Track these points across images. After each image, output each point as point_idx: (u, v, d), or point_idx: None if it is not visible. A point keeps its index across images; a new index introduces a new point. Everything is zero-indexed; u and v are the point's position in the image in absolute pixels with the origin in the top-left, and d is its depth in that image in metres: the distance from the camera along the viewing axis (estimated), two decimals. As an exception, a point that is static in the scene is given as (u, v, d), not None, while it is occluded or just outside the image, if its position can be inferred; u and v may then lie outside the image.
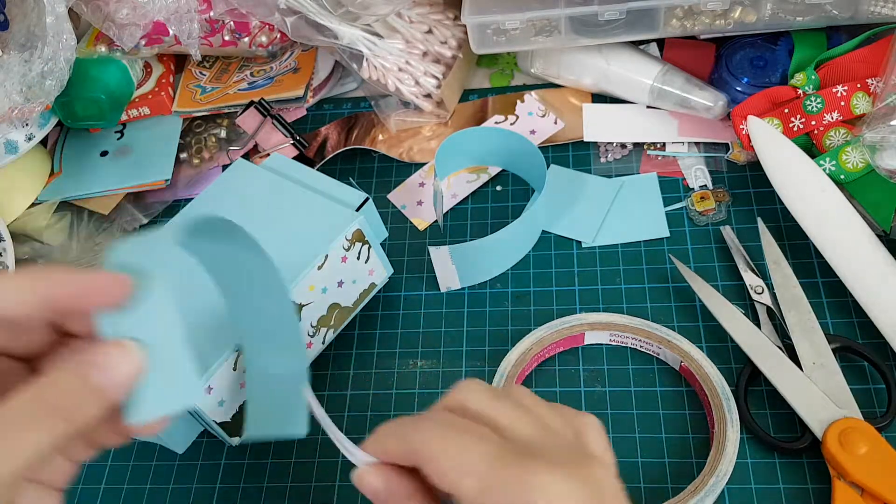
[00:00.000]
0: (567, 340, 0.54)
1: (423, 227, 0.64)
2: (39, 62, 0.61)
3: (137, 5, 0.65)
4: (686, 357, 0.51)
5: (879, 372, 0.49)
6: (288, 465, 0.52)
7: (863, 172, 0.54)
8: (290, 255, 0.51)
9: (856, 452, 0.44)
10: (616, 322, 0.53)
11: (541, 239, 0.61)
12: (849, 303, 0.53)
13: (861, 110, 0.56)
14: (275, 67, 0.74)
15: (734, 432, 0.47)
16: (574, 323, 0.53)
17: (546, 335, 0.53)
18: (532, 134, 0.67)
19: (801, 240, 0.56)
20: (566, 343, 0.54)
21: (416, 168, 0.67)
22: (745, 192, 0.60)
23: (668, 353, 0.52)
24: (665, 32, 0.62)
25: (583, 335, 0.54)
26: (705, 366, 0.50)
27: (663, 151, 0.64)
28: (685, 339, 0.51)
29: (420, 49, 0.68)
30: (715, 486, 0.46)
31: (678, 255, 0.57)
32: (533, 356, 0.52)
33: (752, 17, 0.60)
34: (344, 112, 0.73)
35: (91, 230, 0.68)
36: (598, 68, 0.66)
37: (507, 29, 0.63)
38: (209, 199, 0.55)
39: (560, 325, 0.53)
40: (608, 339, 0.54)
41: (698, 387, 0.50)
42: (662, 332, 0.52)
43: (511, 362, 0.52)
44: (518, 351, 0.53)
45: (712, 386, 0.49)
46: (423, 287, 0.60)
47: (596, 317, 0.54)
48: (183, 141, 0.72)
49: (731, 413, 0.48)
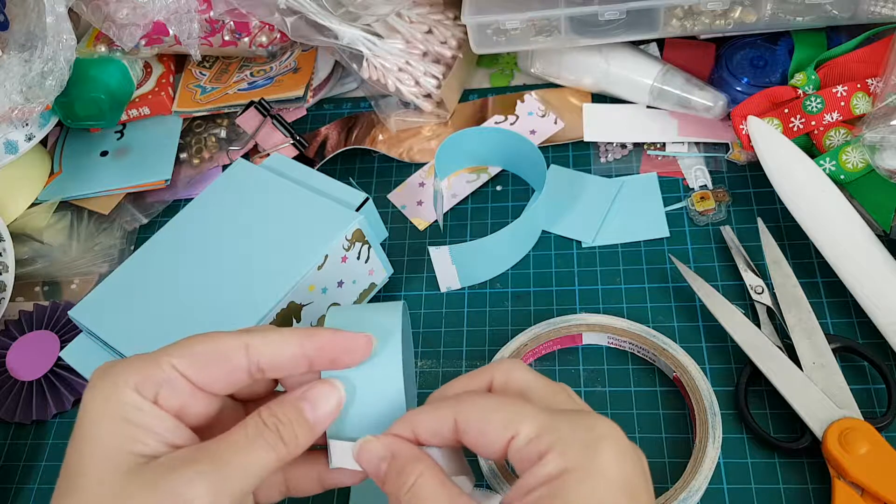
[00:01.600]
0: (565, 339, 0.54)
1: (423, 227, 0.64)
2: (39, 62, 0.61)
3: (137, 5, 0.65)
4: (680, 368, 0.50)
5: (879, 372, 0.49)
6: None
7: (863, 172, 0.54)
8: (291, 254, 0.51)
9: (856, 452, 0.44)
10: (614, 325, 0.53)
11: (541, 239, 0.61)
12: (849, 303, 0.53)
13: (861, 110, 0.56)
14: (275, 67, 0.74)
15: (714, 450, 0.47)
16: (572, 323, 0.53)
17: (543, 332, 0.53)
18: (532, 134, 0.67)
19: (801, 240, 0.56)
20: (564, 342, 0.54)
21: (416, 168, 0.67)
22: (745, 192, 0.60)
23: (663, 363, 0.51)
24: (665, 32, 0.62)
25: (581, 336, 0.54)
26: (697, 380, 0.49)
27: (663, 151, 0.64)
28: (682, 349, 0.51)
29: (420, 49, 0.68)
30: (685, 501, 0.45)
31: (678, 255, 0.57)
32: (528, 352, 0.52)
33: (752, 17, 0.60)
34: (344, 112, 0.73)
35: (91, 230, 0.68)
36: (598, 68, 0.66)
37: (507, 29, 0.63)
38: (209, 199, 0.55)
39: (558, 324, 0.53)
40: (606, 341, 0.54)
41: (688, 399, 0.50)
42: (659, 341, 0.52)
43: (505, 356, 0.52)
44: (513, 346, 0.53)
45: (701, 401, 0.49)
46: (423, 287, 0.60)
47: (594, 318, 0.53)
48: (183, 141, 0.72)
49: (715, 430, 0.47)
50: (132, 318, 0.50)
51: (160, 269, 0.52)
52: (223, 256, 0.52)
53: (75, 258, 0.67)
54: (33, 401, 0.58)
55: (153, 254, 0.53)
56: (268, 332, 0.33)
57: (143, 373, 0.31)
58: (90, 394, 0.31)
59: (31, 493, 0.55)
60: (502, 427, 0.31)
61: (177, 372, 0.31)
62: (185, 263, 0.52)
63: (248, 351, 0.32)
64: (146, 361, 0.31)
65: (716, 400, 0.49)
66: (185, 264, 0.52)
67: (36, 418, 0.57)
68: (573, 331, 0.53)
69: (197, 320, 0.49)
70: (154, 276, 0.52)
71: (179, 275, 0.51)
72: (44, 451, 0.56)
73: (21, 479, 0.55)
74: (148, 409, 0.30)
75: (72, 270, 0.66)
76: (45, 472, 0.55)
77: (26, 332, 0.61)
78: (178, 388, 0.31)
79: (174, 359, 0.31)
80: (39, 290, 0.66)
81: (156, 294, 0.51)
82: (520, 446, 0.31)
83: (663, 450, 0.49)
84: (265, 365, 0.32)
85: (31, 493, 0.55)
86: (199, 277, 0.51)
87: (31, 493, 0.55)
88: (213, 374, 0.32)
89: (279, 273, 0.50)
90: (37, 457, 0.56)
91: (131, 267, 0.53)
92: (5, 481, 0.55)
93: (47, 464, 0.56)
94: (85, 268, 0.66)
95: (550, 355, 0.54)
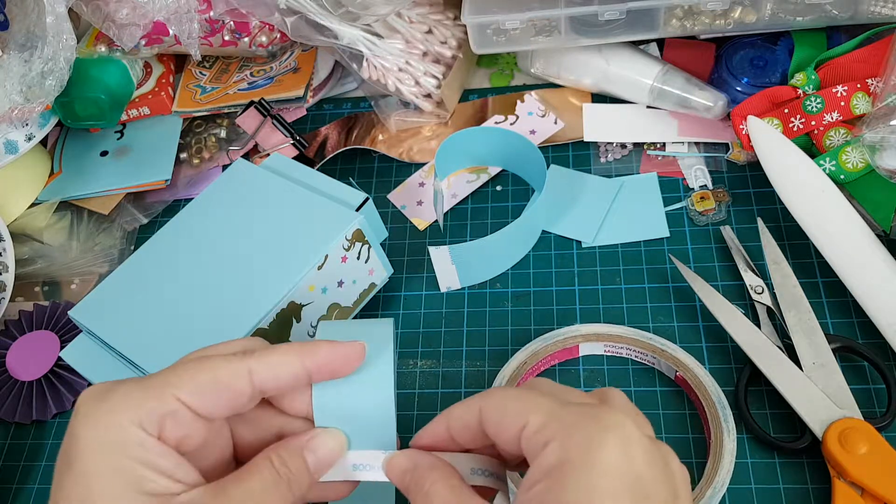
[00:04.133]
0: (562, 353, 0.53)
1: (423, 227, 0.64)
2: (39, 62, 0.61)
3: (137, 5, 0.65)
4: (681, 367, 0.50)
5: (879, 372, 0.49)
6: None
7: (863, 172, 0.54)
8: (291, 254, 0.51)
9: (856, 452, 0.44)
10: (610, 333, 0.53)
11: (541, 239, 0.61)
12: (849, 303, 0.53)
13: (861, 110, 0.56)
14: (275, 67, 0.74)
15: (731, 441, 0.47)
16: (567, 335, 0.53)
17: (541, 348, 0.53)
18: (532, 134, 0.67)
19: (801, 240, 0.56)
20: (561, 356, 0.54)
21: (416, 168, 0.67)
22: (745, 192, 0.60)
23: (664, 363, 0.51)
24: (665, 32, 0.62)
25: (577, 347, 0.53)
26: (700, 374, 0.50)
27: (663, 151, 0.64)
28: (680, 348, 0.51)
29: (420, 49, 0.68)
30: (712, 498, 0.45)
31: (678, 255, 0.57)
32: (528, 369, 0.52)
33: (752, 17, 0.60)
34: (344, 112, 0.73)
35: (91, 230, 0.68)
36: (598, 68, 0.66)
37: (507, 29, 0.63)
38: (209, 199, 0.55)
39: (554, 338, 0.53)
40: (602, 349, 0.53)
41: (694, 396, 0.50)
42: (657, 342, 0.52)
43: (506, 376, 0.52)
44: (513, 365, 0.52)
45: (707, 395, 0.49)
46: (423, 287, 0.60)
47: (589, 328, 0.53)
48: (183, 141, 0.72)
49: (728, 422, 0.47)
50: (132, 318, 0.50)
51: (160, 269, 0.52)
52: (223, 256, 0.52)
53: (75, 258, 0.67)
54: (33, 401, 0.58)
55: (153, 254, 0.53)
56: (267, 353, 0.33)
57: (147, 406, 0.30)
58: (84, 422, 0.30)
59: (31, 493, 0.55)
60: (516, 415, 0.31)
61: (181, 404, 0.31)
62: (185, 263, 0.52)
63: (252, 377, 0.32)
64: (148, 393, 0.31)
65: (723, 394, 0.49)
66: (184, 264, 0.52)
67: (36, 418, 0.57)
68: (569, 343, 0.53)
69: (196, 320, 0.49)
70: (154, 277, 0.52)
71: (179, 275, 0.51)
72: (44, 451, 0.56)
73: (21, 479, 0.55)
74: (152, 445, 0.30)
75: (72, 270, 0.66)
76: (45, 472, 0.55)
77: (26, 332, 0.61)
78: (181, 419, 0.31)
79: (179, 391, 0.31)
80: (39, 290, 0.66)
81: (156, 294, 0.51)
82: (528, 435, 0.31)
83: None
84: (268, 388, 0.33)
85: (31, 493, 0.55)
86: (199, 277, 0.51)
87: (31, 493, 0.55)
88: (216, 402, 0.32)
89: (279, 273, 0.50)
90: (37, 457, 0.56)
91: (131, 267, 0.53)
92: (5, 481, 0.55)
93: (47, 464, 0.56)
94: (85, 268, 0.66)
95: (550, 370, 0.54)
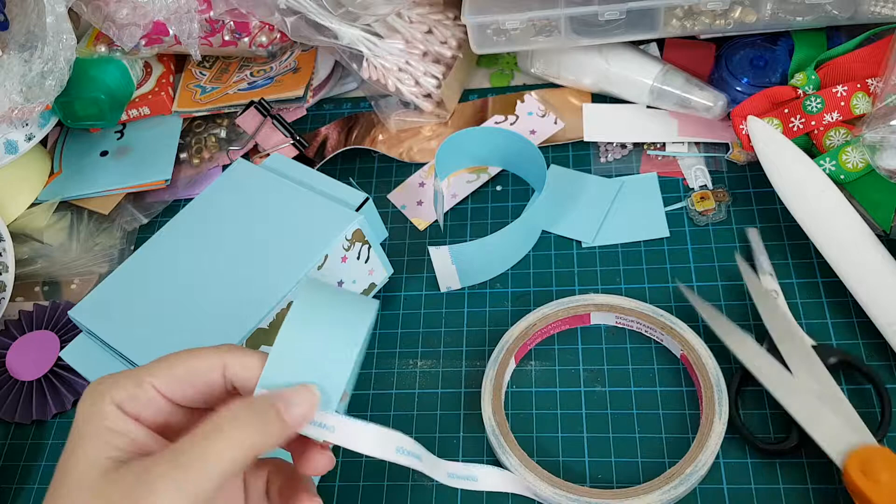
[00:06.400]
0: (573, 319, 0.54)
1: (423, 227, 0.64)
2: (39, 62, 0.61)
3: (137, 5, 0.65)
4: (686, 346, 0.51)
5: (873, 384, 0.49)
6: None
7: (863, 172, 0.54)
8: (291, 254, 0.51)
9: (879, 481, 0.43)
10: (622, 305, 0.54)
11: (541, 239, 0.61)
12: (849, 303, 0.53)
13: (861, 110, 0.56)
14: (275, 67, 0.74)
15: (721, 425, 0.48)
16: (580, 303, 0.54)
17: (551, 312, 0.54)
18: (532, 134, 0.67)
19: (801, 240, 0.56)
20: (572, 322, 0.54)
21: (416, 168, 0.67)
22: (745, 192, 0.60)
23: (671, 341, 0.52)
24: (665, 32, 0.62)
25: (588, 315, 0.54)
26: (704, 357, 0.50)
27: (663, 151, 0.64)
28: (689, 327, 0.52)
29: (420, 49, 0.68)
30: (691, 476, 0.46)
31: (678, 255, 0.58)
32: (536, 332, 0.53)
33: (752, 17, 0.60)
34: (344, 112, 0.73)
35: (91, 230, 0.68)
36: (598, 68, 0.66)
37: (507, 29, 0.63)
38: (209, 199, 0.55)
39: (567, 304, 0.54)
40: (614, 321, 0.54)
41: (695, 377, 0.51)
42: (666, 319, 0.53)
43: (513, 336, 0.53)
44: (522, 326, 0.53)
45: (708, 378, 0.50)
46: (423, 287, 0.60)
47: (602, 298, 0.54)
48: (183, 141, 0.72)
49: (721, 407, 0.48)
50: (132, 318, 0.50)
51: (160, 269, 0.52)
52: (223, 256, 0.52)
53: (75, 258, 0.67)
54: (33, 401, 0.58)
55: (153, 254, 0.53)
56: (242, 352, 0.35)
57: (128, 391, 0.33)
58: (81, 405, 0.34)
59: (31, 493, 0.55)
60: None
61: (156, 391, 0.34)
62: (185, 263, 0.52)
63: (225, 371, 0.34)
64: (130, 379, 0.34)
65: (722, 377, 0.49)
66: (184, 264, 0.52)
67: (36, 418, 0.57)
68: (581, 311, 0.54)
69: (196, 320, 0.49)
70: (154, 276, 0.52)
71: (179, 275, 0.51)
72: (44, 451, 0.56)
73: (21, 479, 0.55)
74: (126, 422, 0.33)
75: (72, 270, 0.66)
76: (45, 472, 0.55)
77: (26, 332, 0.61)
78: (157, 405, 0.34)
79: (155, 379, 0.34)
80: (39, 290, 0.66)
81: (156, 294, 0.51)
82: None
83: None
84: (238, 384, 0.35)
85: (31, 493, 0.55)
86: (199, 277, 0.51)
87: (31, 493, 0.55)
88: (190, 392, 0.34)
89: (279, 273, 0.50)
90: (37, 457, 0.56)
91: (131, 267, 0.53)
92: (5, 481, 0.55)
93: (47, 464, 0.56)
94: (85, 268, 0.66)
95: (556, 335, 0.55)
